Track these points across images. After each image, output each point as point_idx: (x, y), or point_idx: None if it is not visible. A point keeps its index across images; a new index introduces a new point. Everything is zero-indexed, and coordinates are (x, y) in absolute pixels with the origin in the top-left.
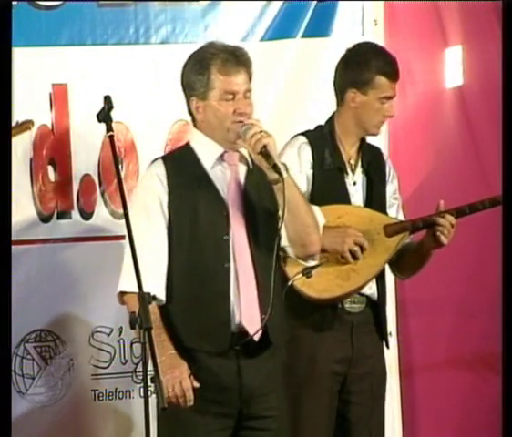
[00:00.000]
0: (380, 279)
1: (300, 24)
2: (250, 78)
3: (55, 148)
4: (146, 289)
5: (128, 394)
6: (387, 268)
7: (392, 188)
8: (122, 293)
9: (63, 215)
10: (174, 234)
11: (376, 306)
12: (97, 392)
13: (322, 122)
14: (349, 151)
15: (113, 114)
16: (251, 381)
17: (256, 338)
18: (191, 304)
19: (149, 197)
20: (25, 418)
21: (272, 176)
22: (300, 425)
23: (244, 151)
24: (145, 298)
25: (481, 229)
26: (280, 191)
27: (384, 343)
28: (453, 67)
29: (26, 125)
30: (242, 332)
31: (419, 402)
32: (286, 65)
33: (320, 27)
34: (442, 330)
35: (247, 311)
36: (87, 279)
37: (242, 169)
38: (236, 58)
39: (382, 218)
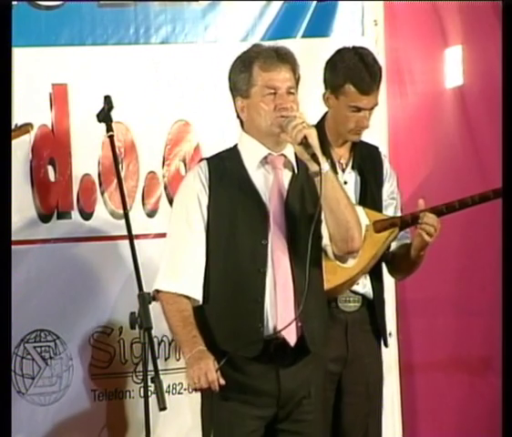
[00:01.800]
0: (375, 277)
1: (300, 24)
2: (295, 76)
3: (55, 148)
4: (182, 289)
5: (127, 394)
6: (384, 268)
7: (389, 187)
8: (157, 291)
9: (63, 215)
10: (212, 235)
11: (373, 305)
12: (96, 392)
13: None
14: (339, 150)
15: (113, 114)
16: (290, 386)
17: (292, 343)
18: (226, 307)
19: (189, 196)
20: (25, 418)
21: (313, 168)
22: None
23: (290, 156)
24: (145, 298)
25: (481, 229)
26: (319, 184)
27: (383, 343)
28: (453, 67)
29: (25, 128)
30: (278, 338)
31: (419, 402)
32: None
33: (320, 27)
34: (442, 330)
35: (282, 317)
36: (86, 280)
37: (287, 175)
38: (278, 55)
39: (372, 214)
